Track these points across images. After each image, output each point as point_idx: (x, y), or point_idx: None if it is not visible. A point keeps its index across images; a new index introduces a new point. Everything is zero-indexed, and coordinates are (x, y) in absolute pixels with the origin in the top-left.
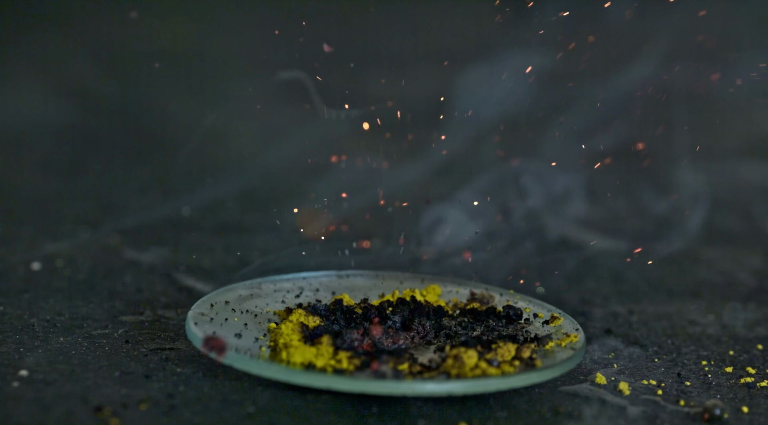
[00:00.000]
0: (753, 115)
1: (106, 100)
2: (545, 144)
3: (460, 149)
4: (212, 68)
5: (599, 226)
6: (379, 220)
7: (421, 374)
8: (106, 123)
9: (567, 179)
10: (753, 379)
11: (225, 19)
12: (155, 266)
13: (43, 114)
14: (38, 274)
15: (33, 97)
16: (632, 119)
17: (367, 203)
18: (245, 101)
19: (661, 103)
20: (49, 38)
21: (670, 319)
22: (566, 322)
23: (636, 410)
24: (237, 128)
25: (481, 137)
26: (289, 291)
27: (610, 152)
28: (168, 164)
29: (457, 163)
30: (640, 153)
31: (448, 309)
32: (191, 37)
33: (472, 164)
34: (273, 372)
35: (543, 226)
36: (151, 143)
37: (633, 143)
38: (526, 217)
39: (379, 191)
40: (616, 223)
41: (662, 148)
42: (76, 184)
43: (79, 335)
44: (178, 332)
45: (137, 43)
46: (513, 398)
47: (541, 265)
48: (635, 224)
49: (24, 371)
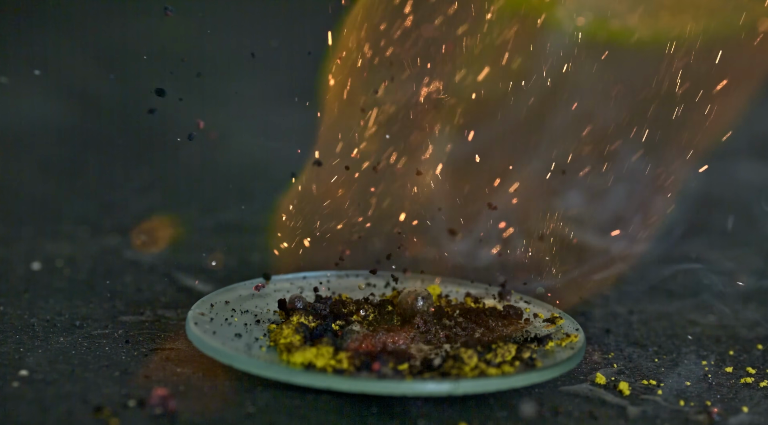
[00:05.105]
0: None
1: (106, 101)
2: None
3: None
4: (212, 68)
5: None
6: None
7: (421, 374)
8: (106, 123)
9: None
10: (753, 379)
11: (225, 20)
12: (155, 266)
13: (43, 114)
14: (38, 274)
15: (33, 97)
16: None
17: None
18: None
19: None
20: (49, 38)
21: (670, 319)
22: (566, 322)
23: (636, 410)
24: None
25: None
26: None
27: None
28: (168, 165)
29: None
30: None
31: (449, 310)
32: (191, 37)
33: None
34: (273, 372)
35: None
36: (151, 143)
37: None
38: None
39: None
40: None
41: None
42: (76, 184)
43: (79, 335)
44: (178, 332)
45: (137, 43)
46: (513, 398)
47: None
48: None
49: (24, 371)
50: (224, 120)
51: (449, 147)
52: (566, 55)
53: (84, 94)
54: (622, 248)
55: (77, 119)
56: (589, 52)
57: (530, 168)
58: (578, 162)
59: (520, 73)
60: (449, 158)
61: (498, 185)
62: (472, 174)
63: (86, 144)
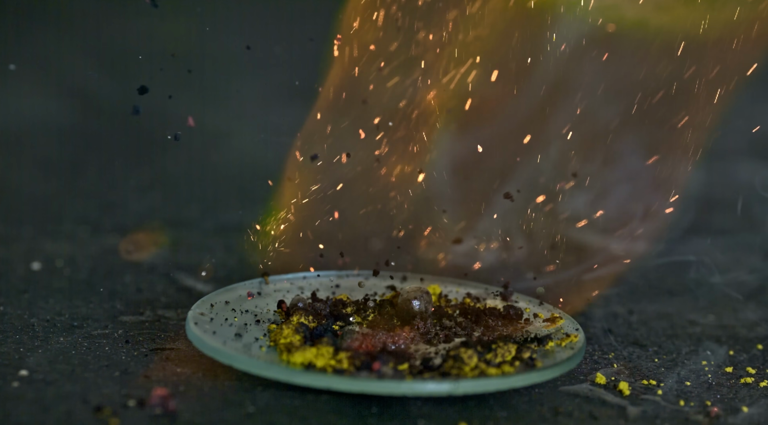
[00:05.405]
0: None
1: (106, 100)
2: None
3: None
4: (212, 68)
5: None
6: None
7: (421, 374)
8: (106, 123)
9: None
10: (753, 379)
11: (225, 19)
12: (155, 266)
13: (43, 114)
14: (38, 274)
15: (33, 97)
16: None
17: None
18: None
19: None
20: (49, 38)
21: (670, 319)
22: (566, 322)
23: (636, 410)
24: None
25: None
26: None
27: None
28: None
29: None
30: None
31: (448, 310)
32: (191, 37)
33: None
34: (273, 372)
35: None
36: (151, 143)
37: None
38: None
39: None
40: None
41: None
42: (76, 184)
43: (79, 335)
44: (178, 332)
45: (137, 43)
46: (513, 398)
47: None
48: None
49: (24, 371)
50: (224, 120)
51: (450, 147)
52: (570, 54)
53: (84, 94)
54: (622, 248)
55: (77, 119)
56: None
57: (531, 169)
58: (578, 163)
59: (526, 72)
60: (451, 158)
61: (500, 185)
62: (475, 174)
63: (86, 144)
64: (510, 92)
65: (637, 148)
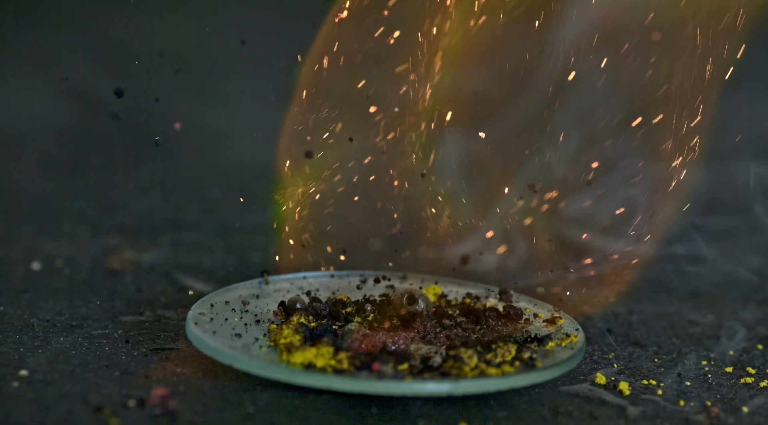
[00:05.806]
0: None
1: (106, 101)
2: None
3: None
4: (212, 68)
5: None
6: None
7: (421, 374)
8: (106, 123)
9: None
10: (753, 379)
11: (225, 19)
12: (155, 266)
13: (43, 114)
14: (38, 274)
15: (33, 97)
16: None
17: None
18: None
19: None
20: (49, 38)
21: (670, 319)
22: (566, 322)
23: (636, 410)
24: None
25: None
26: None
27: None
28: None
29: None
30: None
31: (448, 310)
32: (191, 37)
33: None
34: (273, 372)
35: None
36: (151, 143)
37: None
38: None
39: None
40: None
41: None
42: (76, 184)
43: (79, 335)
44: (178, 332)
45: (137, 43)
46: (513, 398)
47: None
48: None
49: (24, 371)
50: (224, 120)
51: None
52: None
53: (84, 94)
54: (623, 247)
55: (77, 119)
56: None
57: (533, 168)
58: (579, 162)
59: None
60: (454, 158)
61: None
62: (479, 175)
63: (86, 144)
64: (512, 91)
65: (636, 148)
